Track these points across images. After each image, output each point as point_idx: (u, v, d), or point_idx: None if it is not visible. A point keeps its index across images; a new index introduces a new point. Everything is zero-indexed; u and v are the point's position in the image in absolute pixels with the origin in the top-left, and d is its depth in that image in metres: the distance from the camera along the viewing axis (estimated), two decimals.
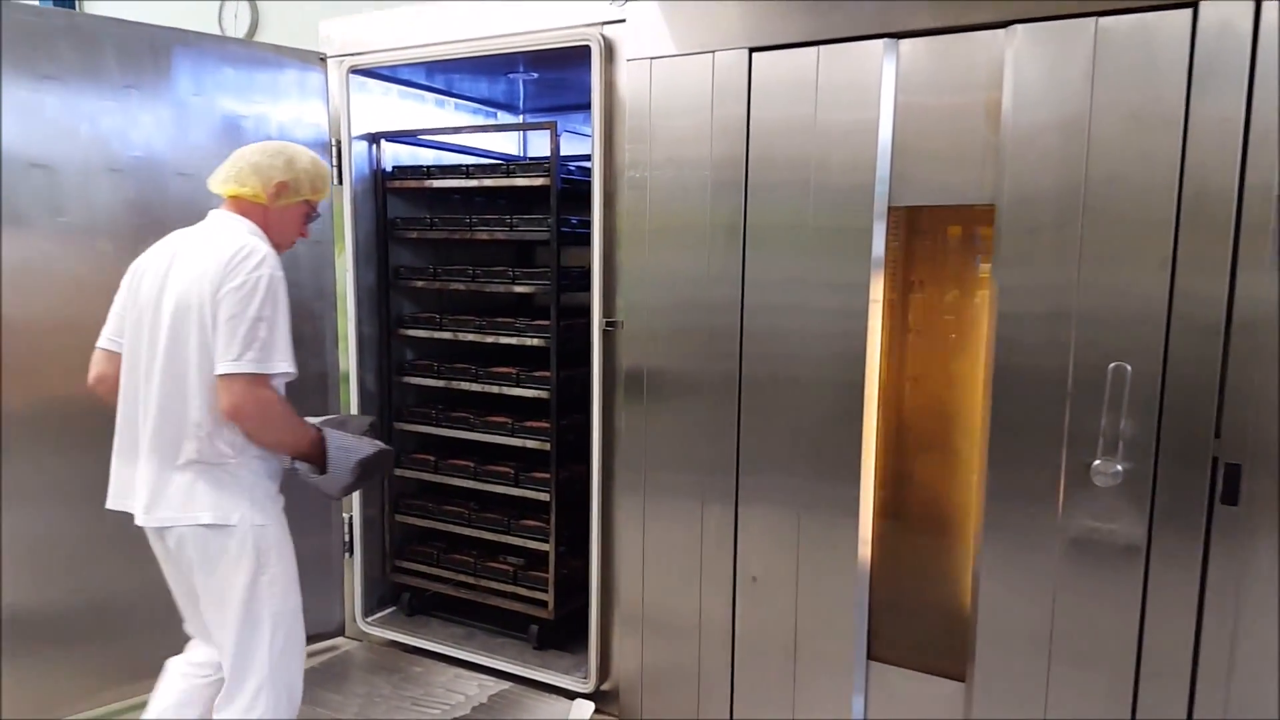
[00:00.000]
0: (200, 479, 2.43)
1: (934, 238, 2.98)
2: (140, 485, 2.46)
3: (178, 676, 2.69)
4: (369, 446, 2.67)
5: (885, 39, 2.71)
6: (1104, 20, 2.43)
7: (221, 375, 2.36)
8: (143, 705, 2.74)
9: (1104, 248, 2.46)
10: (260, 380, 2.39)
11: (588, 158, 3.79)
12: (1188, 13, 2.33)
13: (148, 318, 2.48)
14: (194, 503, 2.42)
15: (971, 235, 2.90)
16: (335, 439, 2.63)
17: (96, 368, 2.61)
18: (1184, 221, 2.37)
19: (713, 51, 2.97)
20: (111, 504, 2.56)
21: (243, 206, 2.61)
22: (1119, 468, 2.46)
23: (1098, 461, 2.48)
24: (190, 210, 3.44)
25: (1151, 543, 2.48)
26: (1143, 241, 2.42)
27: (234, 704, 2.52)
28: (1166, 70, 2.36)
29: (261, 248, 2.47)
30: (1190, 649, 2.45)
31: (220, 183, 2.62)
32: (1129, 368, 2.43)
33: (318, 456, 2.58)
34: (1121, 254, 2.45)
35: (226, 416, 2.39)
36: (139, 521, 2.47)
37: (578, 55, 3.39)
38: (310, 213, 2.74)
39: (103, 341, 2.62)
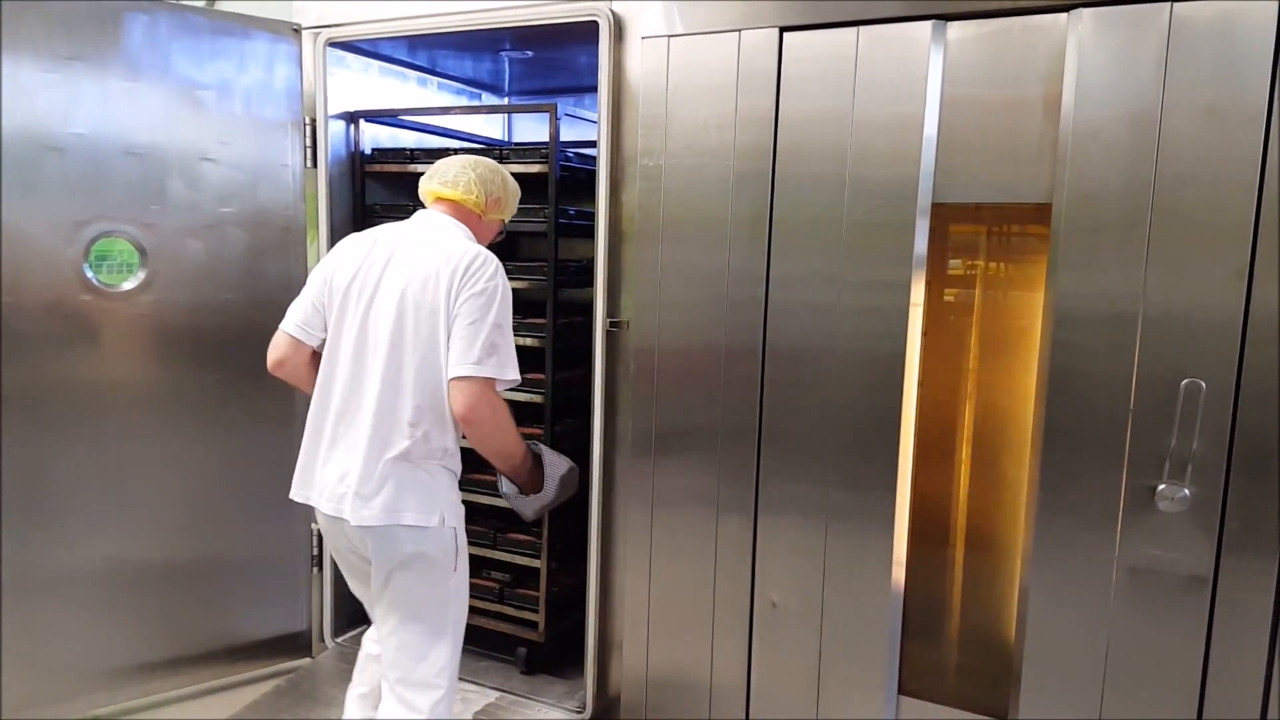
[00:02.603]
0: (407, 478, 2.41)
1: (980, 236, 2.77)
2: (349, 480, 2.42)
3: (374, 659, 2.71)
4: (564, 463, 2.76)
5: (933, 20, 2.50)
6: (1179, 6, 2.23)
7: (459, 378, 2.36)
8: None
9: (1174, 252, 2.27)
10: (493, 385, 2.41)
11: (586, 144, 3.57)
12: (1275, 1, 2.14)
13: (359, 312, 2.45)
14: (400, 502, 2.40)
15: (1022, 234, 2.70)
16: (546, 454, 2.73)
17: (278, 351, 2.58)
18: (1264, 226, 2.18)
19: (739, 30, 2.73)
20: (308, 499, 2.53)
21: (461, 212, 2.62)
22: (1186, 492, 2.27)
23: (1163, 485, 2.29)
24: (140, 191, 3.24)
25: (1219, 573, 2.29)
26: (1218, 246, 2.23)
27: (409, 701, 2.48)
28: (1248, 62, 2.18)
29: (493, 257, 2.47)
30: (1260, 689, 2.27)
31: (446, 185, 2.61)
32: (1203, 384, 2.24)
33: (524, 472, 2.67)
34: (1194, 259, 2.26)
35: (461, 418, 2.41)
36: (352, 520, 2.40)
37: (574, 33, 3.15)
38: (502, 232, 2.81)
39: (289, 327, 2.57)
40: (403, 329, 2.40)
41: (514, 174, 3.43)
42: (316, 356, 2.58)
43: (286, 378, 2.62)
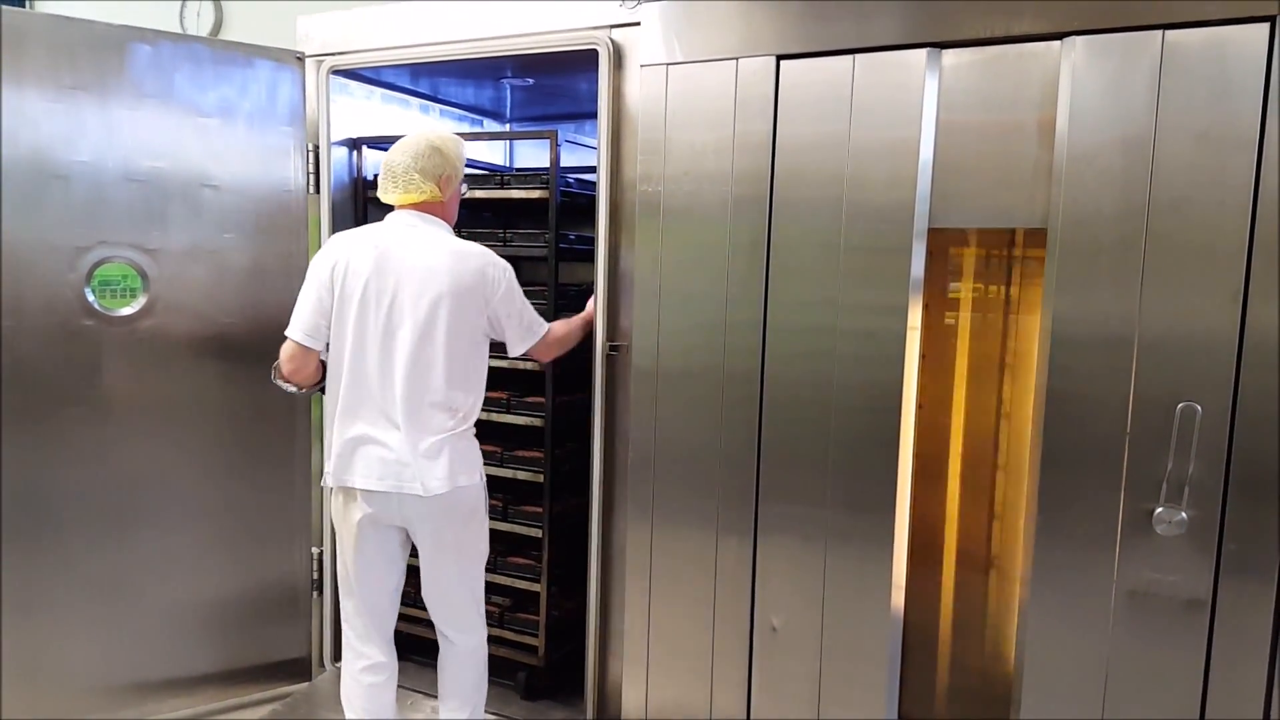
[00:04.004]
0: (455, 446, 2.78)
1: (977, 260, 2.79)
2: (407, 462, 2.72)
3: (365, 687, 2.95)
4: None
5: (928, 48, 2.53)
6: (1171, 33, 2.26)
7: (529, 348, 2.97)
8: None
9: (1169, 276, 2.29)
10: (545, 334, 3.00)
11: (586, 170, 3.60)
12: (1265, 27, 2.17)
13: (380, 315, 2.73)
14: (455, 467, 2.77)
15: (1019, 259, 2.71)
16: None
17: (293, 361, 2.81)
18: (1258, 250, 2.20)
19: (736, 58, 2.76)
20: (348, 483, 2.79)
21: (431, 208, 2.85)
22: (1184, 515, 2.28)
23: (1160, 509, 2.30)
24: (143, 217, 3.29)
25: (1217, 596, 2.29)
26: (1212, 270, 2.25)
27: (470, 625, 2.98)
28: (1240, 87, 2.20)
29: (496, 256, 2.86)
30: (1260, 712, 2.26)
31: (399, 192, 2.82)
32: (1199, 408, 2.25)
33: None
34: (1189, 283, 2.27)
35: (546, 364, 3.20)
36: (424, 493, 2.71)
37: (575, 61, 3.19)
38: (464, 187, 3.00)
39: (297, 336, 2.79)
40: (434, 330, 2.71)
41: (515, 200, 3.51)
42: (321, 360, 2.85)
43: (301, 383, 2.87)
